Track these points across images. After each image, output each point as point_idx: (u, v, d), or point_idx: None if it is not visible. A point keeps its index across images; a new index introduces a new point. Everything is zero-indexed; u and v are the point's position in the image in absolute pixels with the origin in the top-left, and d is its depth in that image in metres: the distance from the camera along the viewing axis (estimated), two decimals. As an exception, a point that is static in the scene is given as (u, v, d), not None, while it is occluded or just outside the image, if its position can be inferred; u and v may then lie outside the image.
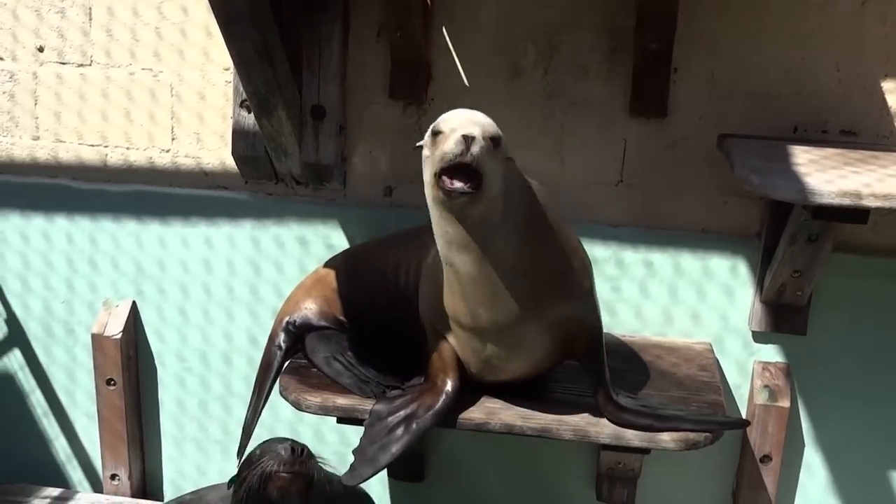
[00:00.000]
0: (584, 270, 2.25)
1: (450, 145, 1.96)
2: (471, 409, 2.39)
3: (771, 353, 2.89)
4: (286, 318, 2.71)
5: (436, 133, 2.05)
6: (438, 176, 1.98)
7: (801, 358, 2.86)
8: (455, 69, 2.88)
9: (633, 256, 2.83)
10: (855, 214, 2.30)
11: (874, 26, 2.69)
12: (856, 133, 2.74)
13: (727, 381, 2.89)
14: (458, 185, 1.96)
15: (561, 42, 2.81)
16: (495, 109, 2.80)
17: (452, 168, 1.96)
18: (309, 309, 2.69)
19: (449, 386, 2.30)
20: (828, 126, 2.75)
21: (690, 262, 2.86)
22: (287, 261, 3.06)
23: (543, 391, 2.48)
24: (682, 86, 2.77)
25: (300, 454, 2.27)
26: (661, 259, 2.86)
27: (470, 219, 2.03)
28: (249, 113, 2.88)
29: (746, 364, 2.89)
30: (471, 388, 2.40)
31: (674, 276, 2.87)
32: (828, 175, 2.34)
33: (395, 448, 2.29)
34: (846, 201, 2.24)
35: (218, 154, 3.05)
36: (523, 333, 2.24)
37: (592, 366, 2.30)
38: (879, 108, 2.73)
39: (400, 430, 2.31)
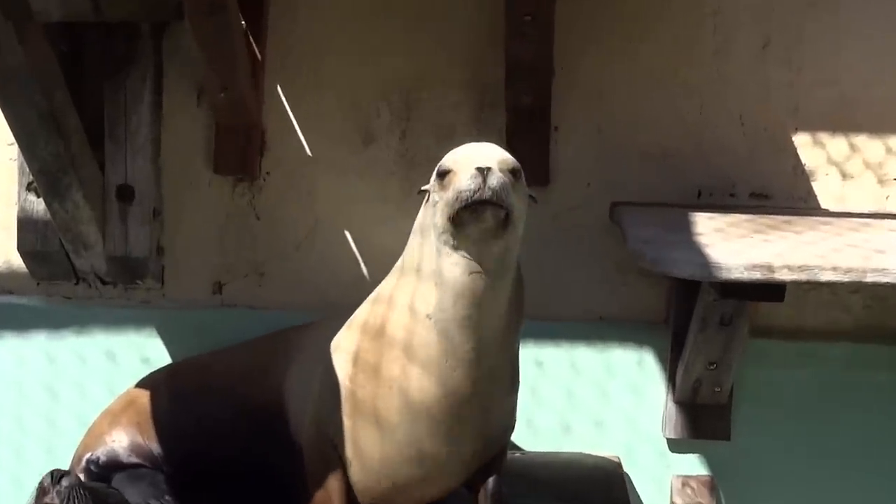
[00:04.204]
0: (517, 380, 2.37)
1: (463, 181, 2.09)
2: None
3: (691, 465, 2.94)
4: (87, 456, 2.66)
5: (443, 173, 2.18)
6: (453, 219, 2.10)
7: (726, 468, 2.92)
8: (294, 136, 2.93)
9: (522, 354, 2.70)
10: (769, 290, 2.39)
11: (778, 72, 2.84)
12: (767, 195, 2.87)
13: (641, 502, 2.93)
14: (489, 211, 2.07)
15: (420, 99, 2.88)
16: (345, 182, 2.93)
17: (471, 207, 2.07)
18: (116, 442, 2.66)
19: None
20: (735, 189, 2.86)
21: (588, 357, 2.91)
22: (92, 381, 3.01)
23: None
24: (564, 147, 2.86)
25: (55, 481, 2.22)
26: (554, 356, 2.90)
27: (486, 262, 2.16)
28: (39, 197, 2.87)
29: (663, 479, 2.93)
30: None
31: (570, 377, 2.92)
32: (735, 245, 2.42)
33: None
34: (756, 275, 2.33)
35: (2, 250, 3.03)
36: (453, 466, 2.35)
37: (491, 483, 2.40)
38: (792, 166, 2.87)
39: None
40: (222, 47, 2.64)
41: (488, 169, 2.09)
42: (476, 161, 2.11)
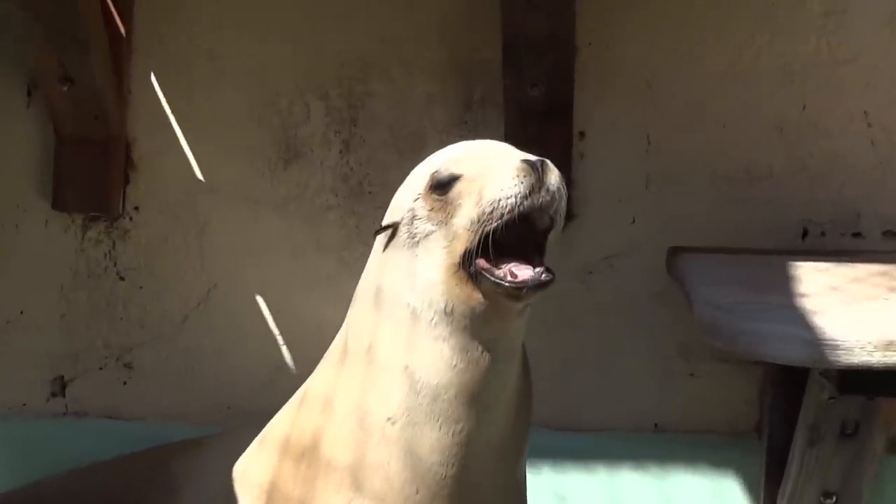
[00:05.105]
0: None
1: (504, 181, 1.91)
2: None
3: None
4: None
5: (445, 183, 1.99)
6: (462, 263, 1.93)
7: None
8: (178, 151, 2.80)
9: (535, 484, 2.65)
10: (915, 380, 2.42)
11: (921, 48, 2.90)
12: (909, 235, 2.93)
13: None
14: (525, 272, 1.91)
15: (371, 94, 2.78)
16: (255, 222, 2.80)
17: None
18: None
19: None
20: (861, 224, 2.76)
21: (639, 487, 2.76)
22: None
23: None
24: (595, 162, 2.76)
25: None
26: (584, 486, 2.75)
27: (498, 335, 2.00)
28: None
29: None
30: None
31: (610, 517, 2.94)
32: (860, 312, 2.32)
33: None
34: (893, 358, 2.18)
35: None
36: None
37: None
38: (946, 189, 2.92)
39: None
40: (66, 17, 2.52)
41: (542, 161, 1.93)
42: (508, 155, 1.96)
